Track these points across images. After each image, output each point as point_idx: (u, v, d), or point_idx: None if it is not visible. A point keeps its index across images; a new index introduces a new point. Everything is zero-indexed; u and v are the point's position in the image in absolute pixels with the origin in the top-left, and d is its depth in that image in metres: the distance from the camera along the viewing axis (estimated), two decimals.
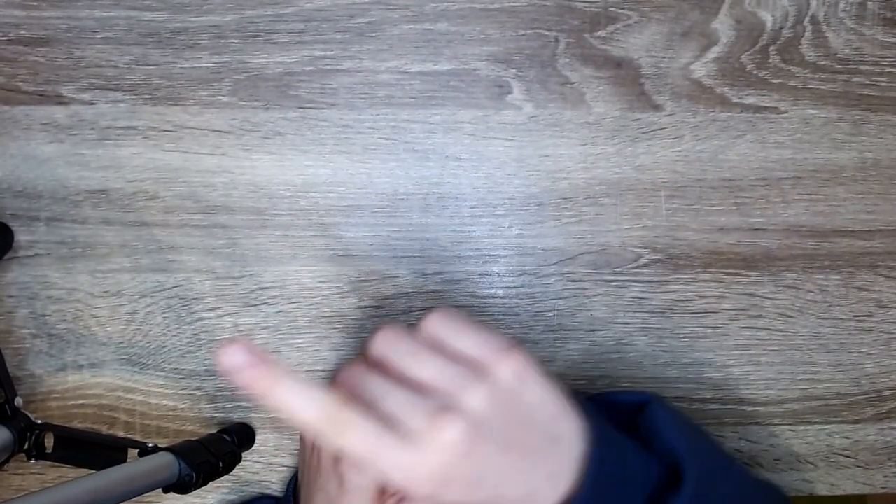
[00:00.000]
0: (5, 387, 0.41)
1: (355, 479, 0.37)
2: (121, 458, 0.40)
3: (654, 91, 0.47)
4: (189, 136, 0.46)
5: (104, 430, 0.46)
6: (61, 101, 0.45)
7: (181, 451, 0.38)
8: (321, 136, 0.46)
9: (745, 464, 0.49)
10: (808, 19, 0.47)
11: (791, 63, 0.47)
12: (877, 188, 0.48)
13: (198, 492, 0.40)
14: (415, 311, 0.47)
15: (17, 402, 0.41)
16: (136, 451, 0.39)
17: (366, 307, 0.47)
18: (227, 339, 0.30)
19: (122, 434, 0.46)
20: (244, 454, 0.46)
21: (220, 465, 0.40)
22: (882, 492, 0.50)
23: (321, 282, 0.47)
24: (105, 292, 0.46)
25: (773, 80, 0.47)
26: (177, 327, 0.46)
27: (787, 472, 0.49)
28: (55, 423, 0.45)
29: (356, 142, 0.46)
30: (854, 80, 0.48)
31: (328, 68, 0.46)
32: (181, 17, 0.45)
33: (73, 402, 0.46)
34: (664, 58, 0.47)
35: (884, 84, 0.48)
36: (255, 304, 0.46)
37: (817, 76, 0.48)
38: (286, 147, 0.46)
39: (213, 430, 0.45)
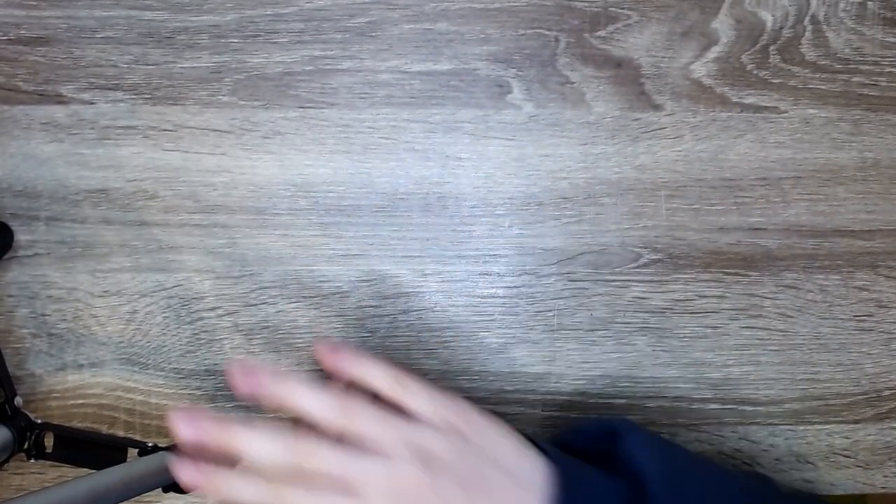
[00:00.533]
0: (5, 386, 0.41)
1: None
2: (121, 458, 0.40)
3: (654, 91, 0.47)
4: (189, 136, 0.46)
5: (104, 429, 0.46)
6: (61, 100, 0.45)
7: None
8: (321, 136, 0.46)
9: (745, 464, 0.49)
10: (808, 19, 0.47)
11: (791, 63, 0.47)
12: (877, 188, 0.48)
13: (198, 492, 0.40)
14: (414, 311, 0.47)
15: (17, 401, 0.41)
16: (136, 450, 0.39)
17: (366, 307, 0.47)
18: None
19: (122, 434, 0.46)
20: None
21: None
22: (882, 492, 0.50)
23: (321, 282, 0.47)
24: (105, 292, 0.46)
25: (774, 80, 0.47)
26: (177, 327, 0.46)
27: (787, 472, 0.49)
28: (55, 422, 0.45)
29: (356, 141, 0.46)
30: (854, 79, 0.48)
31: (328, 68, 0.46)
32: (181, 16, 0.45)
33: (73, 402, 0.46)
34: (664, 58, 0.47)
35: (884, 84, 0.48)
36: (255, 304, 0.46)
37: (817, 76, 0.48)
38: (286, 147, 0.46)
39: None
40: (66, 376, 0.46)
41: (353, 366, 0.35)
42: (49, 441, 0.41)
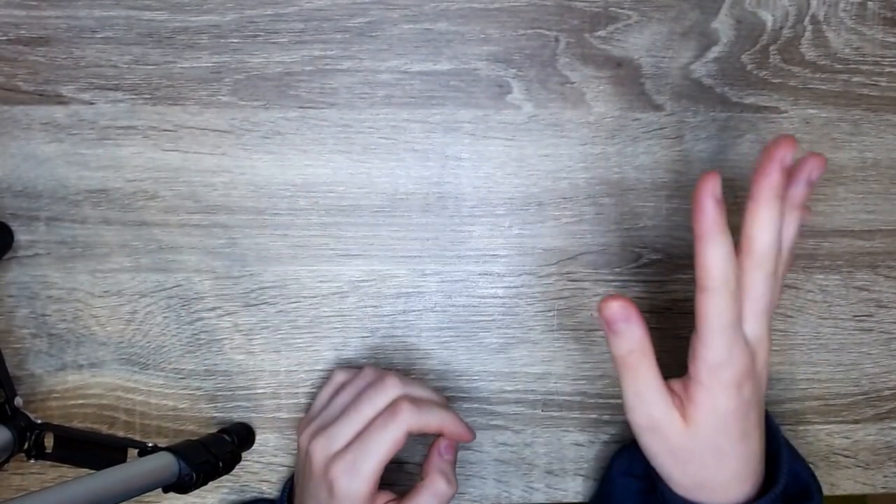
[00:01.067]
0: (5, 387, 0.41)
1: (345, 484, 0.37)
2: (121, 458, 0.40)
3: (654, 91, 0.47)
4: (189, 136, 0.46)
5: (104, 429, 0.46)
6: (61, 100, 0.45)
7: (181, 451, 0.38)
8: (321, 136, 0.46)
9: None
10: (808, 19, 0.47)
11: (791, 63, 0.47)
12: (877, 188, 0.48)
13: (198, 492, 0.40)
14: (414, 312, 0.47)
15: (17, 401, 0.41)
16: (136, 451, 0.39)
17: (366, 307, 0.47)
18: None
19: (122, 434, 0.46)
20: (244, 454, 0.46)
21: (220, 465, 0.40)
22: (882, 492, 0.50)
23: (321, 282, 0.47)
24: (105, 292, 0.46)
25: (774, 80, 0.47)
26: (177, 327, 0.46)
27: None
28: (55, 422, 0.45)
29: (356, 142, 0.46)
30: (854, 79, 0.48)
31: (328, 68, 0.46)
32: (181, 16, 0.45)
33: (73, 402, 0.46)
34: (664, 58, 0.47)
35: (884, 84, 0.48)
36: (255, 304, 0.46)
37: (817, 76, 0.48)
38: (286, 147, 0.46)
39: (213, 430, 0.45)
40: (66, 376, 0.46)
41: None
42: (49, 441, 0.41)
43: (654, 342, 0.35)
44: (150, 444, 0.38)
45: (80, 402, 0.46)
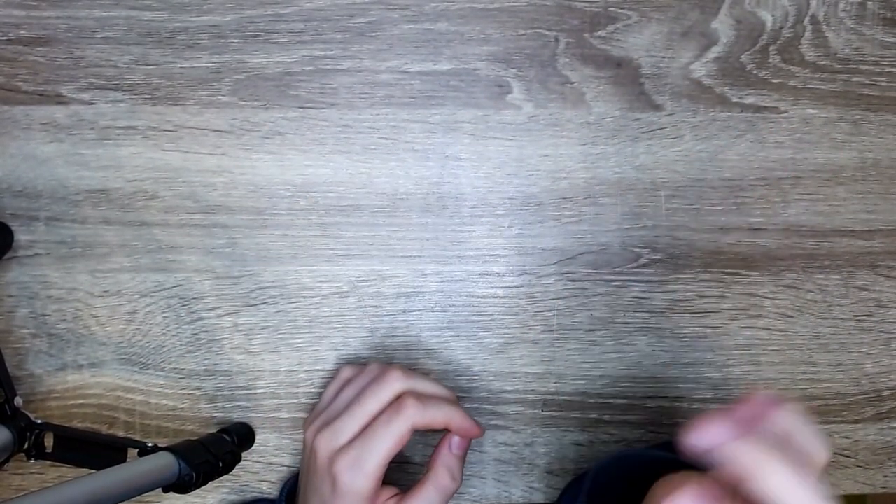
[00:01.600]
0: (5, 386, 0.41)
1: (348, 479, 0.37)
2: (121, 458, 0.40)
3: (654, 91, 0.47)
4: (189, 136, 0.46)
5: (104, 429, 0.46)
6: (61, 100, 0.45)
7: (181, 450, 0.38)
8: (321, 136, 0.46)
9: None
10: (808, 19, 0.47)
11: (791, 63, 0.47)
12: (877, 188, 0.48)
13: (198, 492, 0.40)
14: (414, 312, 0.47)
15: (17, 401, 0.41)
16: (136, 450, 0.39)
17: (366, 307, 0.47)
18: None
19: (122, 434, 0.46)
20: (244, 454, 0.46)
21: (220, 464, 0.40)
22: (882, 492, 0.50)
23: (321, 282, 0.47)
24: (105, 292, 0.46)
25: (773, 80, 0.47)
26: (177, 327, 0.46)
27: None
28: (55, 422, 0.45)
29: (356, 142, 0.46)
30: (854, 79, 0.48)
31: (328, 68, 0.46)
32: (181, 16, 0.45)
33: (72, 402, 0.46)
34: (664, 58, 0.47)
35: (884, 84, 0.48)
36: (255, 304, 0.46)
37: (817, 76, 0.48)
38: (286, 147, 0.46)
39: (213, 430, 0.45)
40: (66, 376, 0.46)
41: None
42: (49, 441, 0.41)
43: (654, 342, 0.35)
44: (150, 444, 0.39)
45: (80, 402, 0.46)
